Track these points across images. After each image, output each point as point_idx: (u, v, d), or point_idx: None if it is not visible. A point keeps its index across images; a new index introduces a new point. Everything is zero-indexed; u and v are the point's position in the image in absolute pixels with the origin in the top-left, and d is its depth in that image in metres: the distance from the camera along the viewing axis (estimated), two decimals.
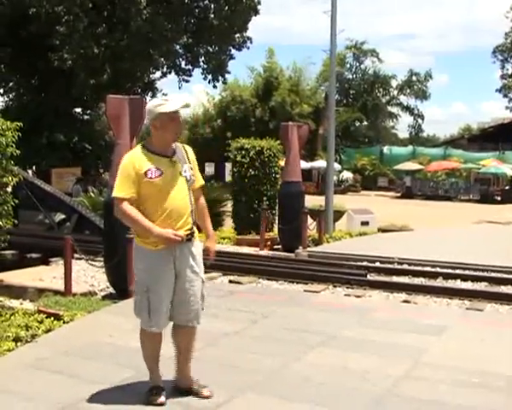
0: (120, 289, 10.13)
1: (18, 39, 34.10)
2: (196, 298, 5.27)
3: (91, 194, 25.10)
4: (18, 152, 8.49)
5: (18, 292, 10.64)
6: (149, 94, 39.03)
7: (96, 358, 6.51)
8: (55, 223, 19.46)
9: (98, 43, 32.97)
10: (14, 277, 11.57)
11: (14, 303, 9.28)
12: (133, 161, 5.18)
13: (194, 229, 5.29)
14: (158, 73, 41.24)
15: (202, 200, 5.52)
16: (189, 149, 5.46)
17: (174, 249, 5.15)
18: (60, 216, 19.81)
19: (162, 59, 38.93)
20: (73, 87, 34.06)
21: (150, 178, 5.09)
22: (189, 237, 5.20)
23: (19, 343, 7.11)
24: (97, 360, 6.41)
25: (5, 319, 8.11)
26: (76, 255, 11.59)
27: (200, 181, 5.48)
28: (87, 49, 32.19)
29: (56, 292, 10.09)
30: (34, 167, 37.17)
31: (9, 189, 8.86)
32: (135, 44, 33.68)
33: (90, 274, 12.23)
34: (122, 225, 9.86)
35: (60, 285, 10.73)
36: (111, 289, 10.78)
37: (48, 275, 12.28)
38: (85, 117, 41.97)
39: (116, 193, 5.18)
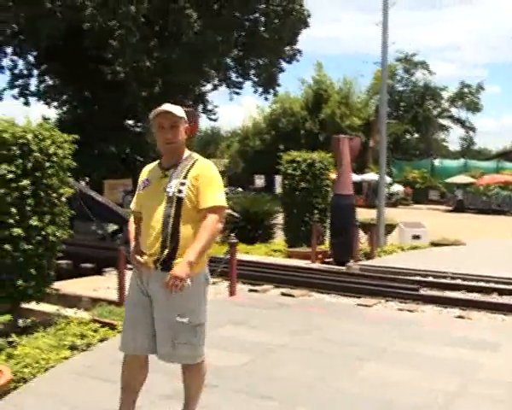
0: None
1: (72, 53, 34.70)
2: (166, 334, 4.57)
3: None
4: (74, 164, 8.61)
5: (73, 301, 10.78)
6: (200, 106, 39.25)
7: (149, 367, 6.55)
8: (107, 233, 19.66)
9: (150, 56, 33.35)
10: (69, 286, 11.71)
11: (69, 312, 9.39)
12: (142, 172, 4.94)
13: (180, 259, 4.47)
14: (209, 86, 41.56)
15: (205, 222, 4.50)
16: (202, 165, 4.68)
17: (144, 273, 4.64)
18: (112, 227, 20.03)
19: (213, 71, 39.24)
20: (125, 99, 34.48)
21: (141, 189, 4.83)
22: (161, 260, 4.53)
23: (75, 352, 7.20)
24: (152, 369, 6.44)
25: (61, 327, 8.21)
26: (129, 266, 11.68)
27: (206, 202, 4.54)
28: (139, 62, 32.58)
29: (110, 302, 10.16)
30: (87, 178, 37.69)
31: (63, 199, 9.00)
32: (186, 57, 34.00)
33: None
34: None
35: (113, 295, 10.83)
36: None
37: (101, 285, 12.40)
38: (137, 129, 42.39)
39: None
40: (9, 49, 38.41)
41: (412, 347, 7.72)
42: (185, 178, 4.58)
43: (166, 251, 4.51)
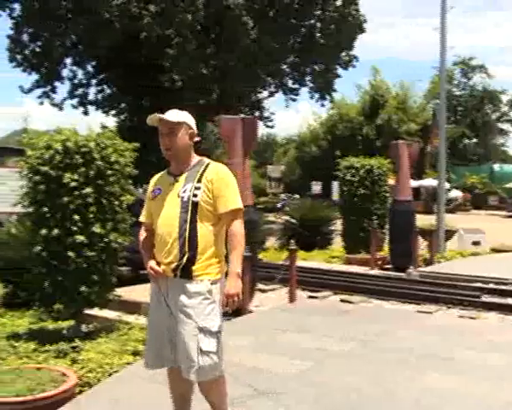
0: None
1: (130, 62, 35.08)
2: (187, 345, 4.36)
3: None
4: (135, 171, 8.71)
5: (133, 307, 10.89)
6: (257, 113, 39.33)
7: None
8: None
9: (206, 64, 33.52)
10: (130, 293, 11.85)
11: (131, 318, 9.51)
12: (150, 183, 4.87)
13: (203, 264, 4.41)
14: (265, 92, 41.60)
15: (233, 227, 4.47)
16: (217, 168, 4.59)
17: (162, 283, 4.52)
18: None
19: (269, 78, 39.27)
20: (182, 107, 34.68)
21: (149, 198, 4.75)
22: (180, 268, 4.41)
23: (137, 357, 7.29)
24: None
25: (123, 333, 8.34)
26: None
27: (227, 205, 4.47)
28: (196, 69, 32.77)
29: None
30: (144, 186, 37.99)
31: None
32: (242, 64, 34.10)
33: None
34: None
35: None
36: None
37: None
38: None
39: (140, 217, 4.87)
40: (69, 60, 39.02)
41: (476, 355, 7.61)
42: (199, 181, 4.50)
43: (186, 257, 4.40)
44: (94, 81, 39.90)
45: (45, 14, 33.68)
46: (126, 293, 11.53)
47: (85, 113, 39.30)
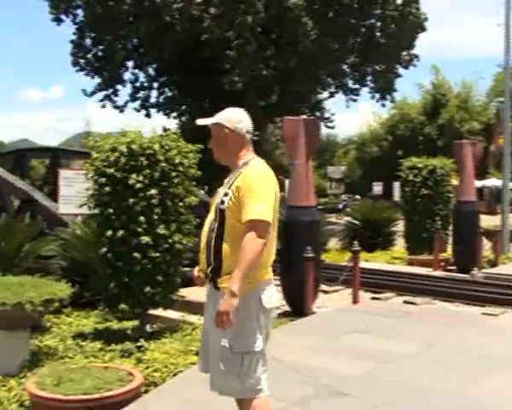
0: (297, 307, 10.24)
1: (190, 64, 35.36)
2: (214, 358, 4.14)
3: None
4: (199, 173, 8.77)
5: (196, 308, 10.93)
6: (317, 114, 39.23)
7: (274, 374, 6.57)
8: None
9: (267, 65, 33.57)
10: (193, 293, 11.91)
11: (194, 319, 9.57)
12: None
13: (224, 277, 4.07)
14: (325, 93, 41.49)
15: (243, 242, 3.92)
16: (247, 172, 4.14)
17: (207, 288, 4.34)
18: None
19: (330, 79, 39.17)
20: (243, 109, 34.84)
21: None
22: (209, 277, 4.17)
23: None
24: (277, 377, 6.46)
25: (187, 333, 8.41)
26: None
27: (247, 215, 3.98)
28: (256, 71, 32.85)
29: None
30: (206, 187, 38.29)
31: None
32: (302, 65, 34.07)
33: None
34: (299, 244, 10.06)
35: None
36: (286, 307, 10.89)
37: None
38: (254, 137, 42.66)
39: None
40: (130, 63, 39.57)
41: None
42: (230, 187, 4.16)
43: (211, 267, 4.14)
44: (155, 84, 40.33)
45: (107, 19, 34.19)
46: (190, 293, 11.60)
47: (147, 115, 39.78)
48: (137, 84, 39.84)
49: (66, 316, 10.09)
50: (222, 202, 4.13)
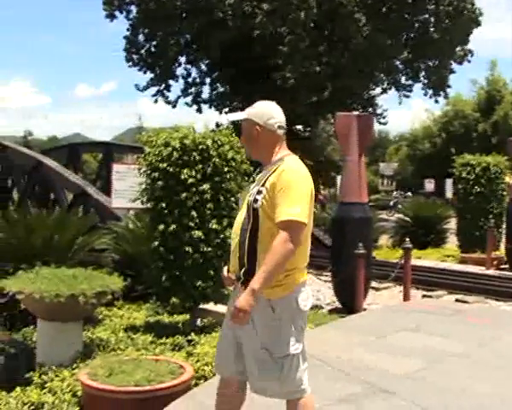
0: (347, 304, 10.22)
1: (242, 60, 35.44)
2: (252, 362, 3.96)
3: (313, 209, 25.53)
4: (251, 169, 8.76)
5: None
6: (369, 110, 39.00)
7: (323, 371, 6.56)
8: None
9: (319, 62, 33.49)
10: None
11: None
12: None
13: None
14: (378, 89, 41.23)
15: (276, 239, 3.76)
16: (282, 170, 3.93)
17: (234, 291, 4.14)
18: None
19: (382, 75, 38.89)
20: (295, 105, 34.82)
21: None
22: (240, 279, 3.97)
23: None
24: (325, 374, 6.45)
25: None
26: (312, 271, 11.75)
27: (280, 215, 3.80)
28: (308, 67, 32.78)
29: None
30: None
31: None
32: (355, 61, 33.92)
33: (315, 288, 12.43)
34: (351, 241, 10.03)
35: None
36: (337, 304, 10.88)
37: None
38: (306, 134, 42.61)
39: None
40: (183, 59, 39.85)
41: None
42: (263, 185, 3.94)
43: (244, 269, 3.94)
44: (207, 79, 40.55)
45: (161, 15, 34.46)
46: None
47: (199, 110, 39.99)
48: (189, 80, 40.13)
49: (118, 309, 10.20)
50: (255, 201, 3.91)
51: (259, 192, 3.91)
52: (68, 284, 7.18)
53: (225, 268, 4.16)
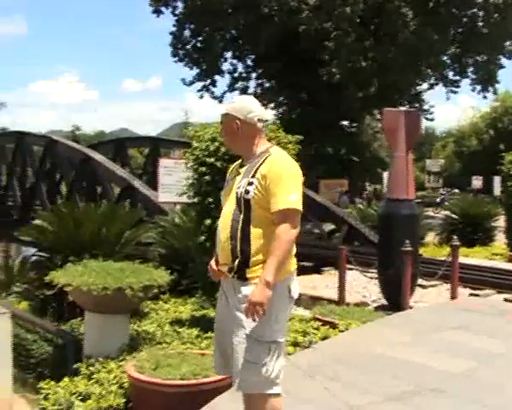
0: (394, 301, 10.13)
1: (288, 56, 35.43)
2: (237, 354, 3.96)
3: (360, 205, 25.40)
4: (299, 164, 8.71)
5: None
6: (416, 106, 38.66)
7: (371, 368, 6.52)
8: (325, 233, 19.87)
9: (365, 57, 33.30)
10: None
11: None
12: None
13: (254, 268, 3.94)
14: (425, 85, 40.86)
15: (278, 229, 3.87)
16: (273, 160, 4.02)
17: (223, 282, 4.20)
18: (329, 226, 20.22)
19: (429, 70, 38.52)
20: (341, 100, 34.68)
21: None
22: (232, 270, 4.01)
23: (297, 348, 7.34)
24: (372, 371, 6.41)
25: None
26: (347, 266, 11.71)
27: (276, 205, 3.89)
28: (355, 62, 32.62)
29: (330, 301, 10.28)
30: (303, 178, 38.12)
31: None
32: (402, 56, 33.63)
33: (361, 285, 12.36)
34: (398, 238, 9.94)
35: (333, 294, 10.94)
36: (383, 301, 10.78)
37: (320, 284, 12.56)
38: (352, 129, 42.42)
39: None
40: (229, 54, 39.97)
41: None
42: (253, 176, 4.00)
43: (237, 260, 3.97)
44: (253, 75, 40.61)
45: (207, 11, 34.62)
46: None
47: None
48: (236, 75, 40.20)
49: (164, 302, 10.27)
50: (247, 192, 3.96)
51: (250, 183, 3.96)
52: (116, 278, 7.24)
53: (212, 261, 4.20)
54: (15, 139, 28.50)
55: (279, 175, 3.93)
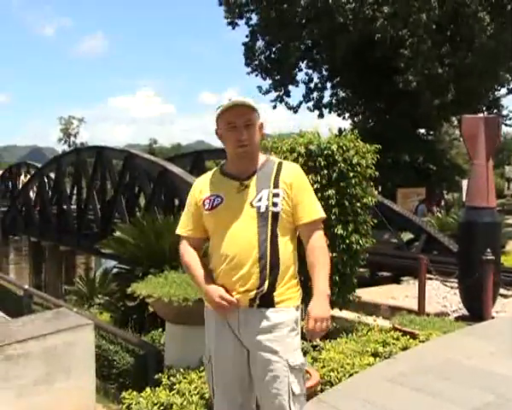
0: (475, 311, 9.99)
1: (363, 64, 35.28)
2: (275, 390, 3.56)
3: (438, 214, 25.10)
4: (376, 173, 8.68)
5: (371, 309, 10.94)
6: (494, 112, 37.96)
7: (454, 378, 6.43)
8: (403, 242, 19.70)
9: (442, 63, 32.86)
10: (367, 294, 11.90)
11: (369, 320, 9.54)
12: (196, 187, 3.95)
13: (285, 287, 3.67)
14: (503, 90, 40.14)
15: (318, 239, 3.69)
16: (294, 169, 3.82)
17: (231, 315, 3.67)
18: (407, 236, 20.05)
19: (508, 75, 37.80)
20: (417, 108, 34.32)
21: (206, 209, 3.78)
22: (258, 296, 3.60)
23: (377, 359, 7.29)
24: (456, 381, 6.32)
25: (362, 334, 8.37)
26: (427, 275, 11.59)
27: (311, 215, 3.71)
28: (431, 69, 32.23)
29: (410, 311, 10.19)
30: (380, 187, 37.90)
31: None
32: (479, 62, 33.06)
33: (441, 294, 12.22)
34: (479, 247, 9.81)
35: (412, 304, 10.85)
36: (464, 311, 10.64)
37: (399, 293, 12.46)
38: (429, 137, 41.92)
39: (177, 229, 4.08)
40: (303, 64, 40.03)
41: None
42: (276, 187, 3.66)
43: (267, 282, 3.60)
44: (328, 84, 40.55)
45: (281, 22, 34.80)
46: (364, 294, 11.60)
47: (321, 115, 40.05)
48: (311, 85, 40.22)
49: None
50: (274, 204, 3.62)
51: (276, 195, 3.64)
52: (196, 289, 7.32)
53: (222, 290, 3.67)
54: (95, 154, 29.12)
55: (305, 183, 3.80)
